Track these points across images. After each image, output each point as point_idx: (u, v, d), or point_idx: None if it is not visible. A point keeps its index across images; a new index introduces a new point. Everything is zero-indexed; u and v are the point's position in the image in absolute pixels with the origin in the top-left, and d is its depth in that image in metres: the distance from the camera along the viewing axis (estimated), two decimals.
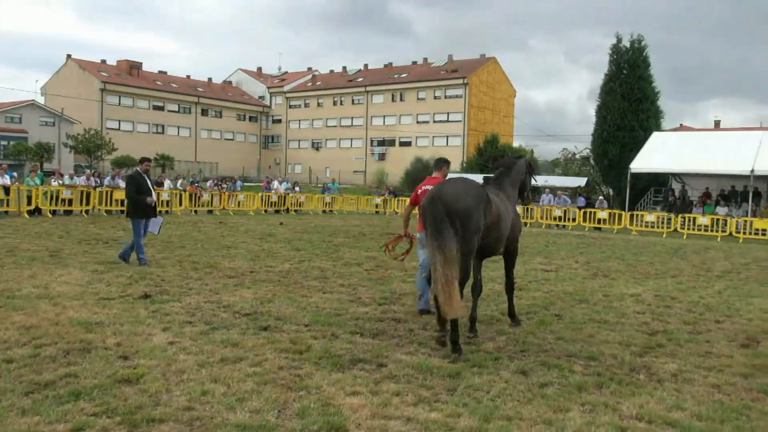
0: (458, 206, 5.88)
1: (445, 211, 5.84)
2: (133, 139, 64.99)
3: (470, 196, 6.00)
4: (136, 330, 6.28)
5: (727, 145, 29.37)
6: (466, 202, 5.94)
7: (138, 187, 11.03)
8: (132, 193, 11.07)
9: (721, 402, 4.83)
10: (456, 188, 6.05)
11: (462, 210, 5.88)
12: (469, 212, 5.92)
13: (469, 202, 5.95)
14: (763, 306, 9.17)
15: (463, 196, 5.96)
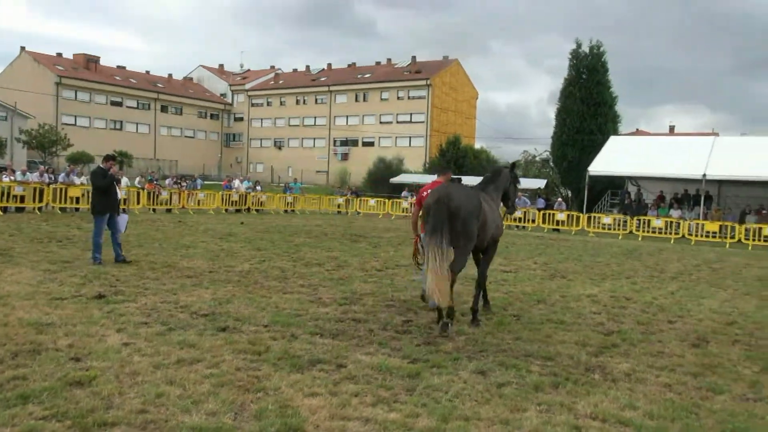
0: (461, 209, 6.64)
1: (448, 212, 6.55)
2: (90, 135, 63.44)
3: (471, 202, 6.81)
4: (90, 331, 6.12)
5: (681, 150, 30.24)
6: (468, 207, 6.72)
7: (103, 185, 10.86)
8: (96, 192, 10.91)
9: (672, 401, 4.96)
10: (459, 193, 6.82)
11: (464, 213, 6.66)
12: (470, 216, 6.71)
13: (470, 207, 6.74)
14: (712, 307, 9.46)
15: (466, 201, 6.75)
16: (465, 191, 7.04)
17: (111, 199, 10.96)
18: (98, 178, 10.94)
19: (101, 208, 10.89)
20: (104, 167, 11.09)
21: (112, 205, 11.01)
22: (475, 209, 6.82)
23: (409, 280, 10.35)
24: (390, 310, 7.94)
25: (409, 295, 9.05)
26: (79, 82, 65.61)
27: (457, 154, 48.44)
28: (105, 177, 10.91)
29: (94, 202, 11.06)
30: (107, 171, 11.02)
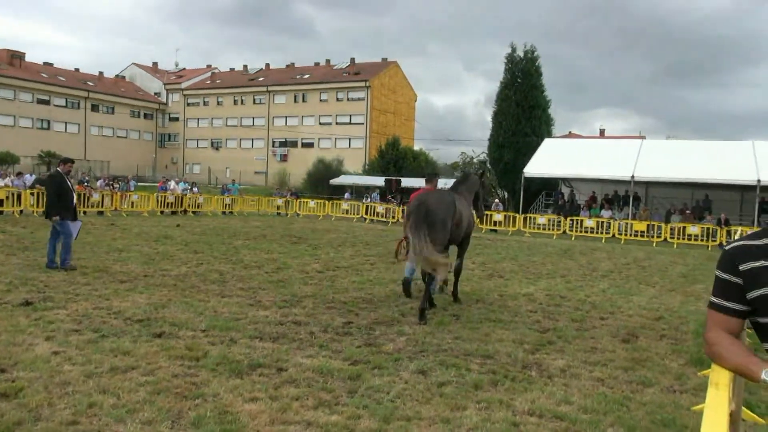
0: (437, 212, 7.98)
1: (426, 214, 7.88)
2: (15, 135, 60.54)
3: (446, 205, 8.18)
4: (16, 340, 5.84)
5: (611, 153, 31.39)
6: (442, 209, 8.07)
7: (59, 189, 10.53)
8: (53, 196, 10.52)
9: (605, 395, 5.14)
10: (435, 199, 8.22)
11: (440, 216, 8.00)
12: (444, 216, 8.07)
13: (444, 209, 8.10)
14: (641, 303, 9.85)
15: (441, 205, 8.11)
16: (440, 195, 8.49)
17: (60, 205, 10.56)
18: (47, 187, 10.69)
19: (60, 212, 10.49)
20: (62, 170, 10.81)
21: (70, 209, 10.67)
22: (449, 209, 8.18)
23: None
24: (330, 312, 7.92)
25: (349, 297, 9.04)
26: (2, 78, 62.45)
27: (396, 155, 48.72)
28: (61, 181, 10.64)
29: (53, 206, 10.57)
30: (64, 174, 10.78)
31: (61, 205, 10.55)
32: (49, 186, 10.77)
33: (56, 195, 10.55)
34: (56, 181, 10.68)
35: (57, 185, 10.63)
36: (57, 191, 10.56)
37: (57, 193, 10.55)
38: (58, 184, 10.63)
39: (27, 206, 22.58)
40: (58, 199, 10.55)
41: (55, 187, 10.62)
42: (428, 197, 8.23)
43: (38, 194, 23.05)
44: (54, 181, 10.69)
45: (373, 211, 31.72)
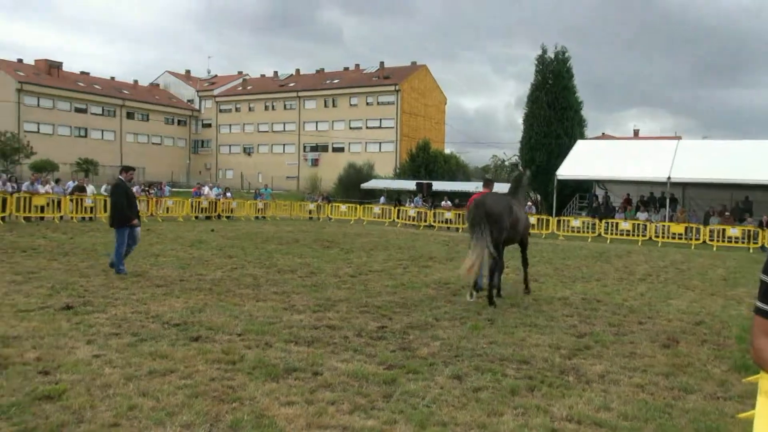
0: (494, 212, 8.82)
1: (484, 215, 8.74)
2: (54, 143, 62.07)
3: (502, 207, 9.03)
4: (58, 343, 5.97)
5: (646, 154, 30.84)
6: (499, 210, 8.92)
7: (127, 197, 10.88)
8: (123, 203, 10.81)
9: (645, 401, 5.03)
10: (493, 200, 9.04)
11: (496, 215, 8.83)
12: (500, 217, 8.90)
13: (500, 210, 8.94)
14: (681, 307, 9.64)
15: (497, 206, 8.95)
16: (497, 197, 9.43)
17: (132, 211, 10.92)
18: (114, 195, 10.97)
19: (123, 221, 10.79)
20: (124, 178, 11.14)
21: (133, 216, 10.97)
22: (506, 210, 9.06)
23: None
24: (364, 316, 7.92)
25: (382, 301, 9.03)
26: (41, 88, 64.15)
27: (427, 159, 48.59)
28: (127, 189, 11.02)
29: (115, 214, 10.89)
30: (127, 182, 11.14)
31: (131, 211, 10.90)
32: (118, 195, 10.97)
33: (128, 202, 10.86)
34: (123, 190, 10.98)
35: (125, 193, 10.94)
36: (124, 200, 10.85)
37: (124, 202, 10.84)
38: (125, 192, 10.95)
39: (67, 212, 23.11)
40: (125, 207, 10.84)
41: (124, 195, 10.91)
42: (486, 199, 9.06)
43: (77, 200, 23.59)
44: (121, 190, 10.98)
45: (405, 215, 31.69)
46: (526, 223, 10.10)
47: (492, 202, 9.02)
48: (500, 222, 8.90)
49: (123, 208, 10.81)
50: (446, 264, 14.36)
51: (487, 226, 8.71)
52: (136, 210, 11.19)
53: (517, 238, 9.82)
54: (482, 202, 8.90)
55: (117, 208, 10.90)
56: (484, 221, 8.68)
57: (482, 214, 8.73)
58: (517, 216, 9.40)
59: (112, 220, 11.03)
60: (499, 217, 8.90)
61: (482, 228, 8.64)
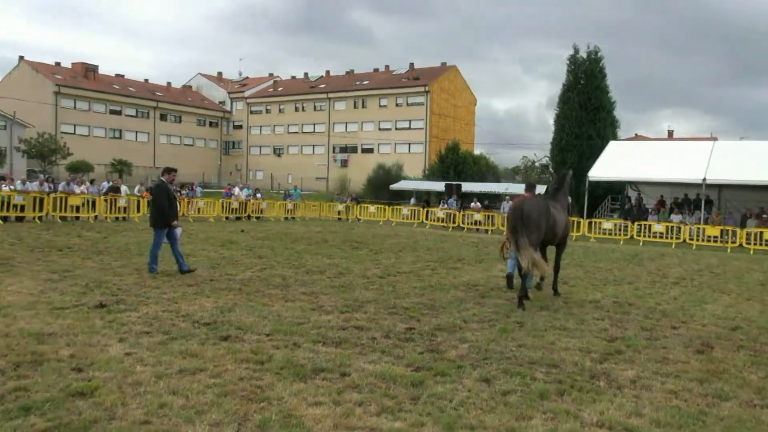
0: (531, 216, 9.14)
1: (521, 218, 9.10)
2: (89, 144, 63.48)
3: (539, 211, 9.31)
4: (91, 341, 6.09)
5: (680, 155, 30.24)
6: (537, 214, 9.23)
7: (168, 198, 11.06)
8: (164, 204, 10.99)
9: (679, 408, 4.92)
10: (531, 204, 9.40)
11: (534, 218, 9.16)
12: (538, 220, 9.20)
13: (538, 214, 9.24)
14: (716, 312, 9.42)
15: (535, 210, 9.26)
16: (536, 201, 9.72)
17: (172, 212, 11.08)
18: (157, 196, 11.16)
19: (163, 221, 10.98)
20: (166, 180, 11.32)
21: (173, 217, 11.15)
22: (543, 213, 9.34)
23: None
24: (392, 318, 7.91)
25: (410, 302, 9.01)
26: (77, 90, 65.68)
27: (456, 160, 48.38)
28: (168, 190, 11.18)
29: (156, 214, 11.08)
30: (168, 184, 11.33)
31: (172, 212, 11.06)
32: (159, 196, 11.16)
33: (169, 204, 11.04)
34: (165, 191, 11.17)
35: (166, 194, 11.12)
36: (164, 201, 11.03)
37: (164, 202, 11.02)
38: (166, 193, 11.13)
39: (101, 212, 23.57)
40: (165, 208, 11.01)
41: (165, 196, 11.09)
42: (524, 203, 9.48)
43: (111, 200, 24.04)
44: (163, 191, 11.16)
45: (434, 216, 31.61)
46: (565, 224, 10.35)
47: (529, 206, 9.31)
48: (538, 226, 9.18)
49: (164, 209, 10.97)
50: (475, 266, 14.27)
51: (525, 230, 9.02)
52: (176, 211, 11.33)
53: (556, 240, 10.09)
54: (519, 207, 9.30)
55: (158, 209, 11.07)
56: (521, 225, 9.05)
57: (518, 218, 9.12)
58: (555, 218, 9.67)
59: (152, 220, 11.21)
60: (537, 221, 9.18)
61: (521, 232, 9.02)
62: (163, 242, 11.03)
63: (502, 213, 29.40)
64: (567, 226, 10.51)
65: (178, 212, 11.67)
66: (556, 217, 9.73)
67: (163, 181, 11.37)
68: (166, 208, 10.96)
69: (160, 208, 10.98)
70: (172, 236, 11.10)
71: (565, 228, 10.34)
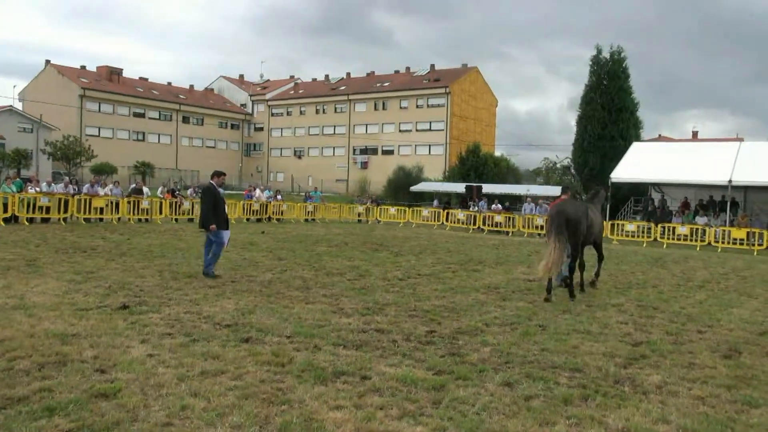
0: (572, 218, 9.96)
1: (565, 219, 9.84)
2: (113, 146, 64.34)
3: (580, 213, 10.16)
4: (114, 342, 6.13)
5: (705, 156, 29.76)
6: (578, 216, 10.05)
7: (215, 200, 11.18)
8: (210, 207, 11.12)
9: (706, 415, 4.82)
10: (572, 207, 10.25)
11: (575, 220, 9.98)
12: (578, 221, 10.05)
13: (579, 216, 10.08)
14: (743, 316, 9.24)
15: (576, 212, 10.08)
16: (576, 204, 10.70)
17: (217, 216, 11.19)
18: (204, 199, 11.28)
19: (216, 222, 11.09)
20: (215, 183, 11.44)
21: (223, 218, 11.30)
22: (583, 215, 10.19)
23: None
24: (413, 321, 7.87)
25: (431, 305, 8.96)
26: (102, 94, 66.65)
27: (476, 162, 48.19)
28: (216, 193, 11.30)
29: (210, 216, 11.14)
30: (218, 187, 11.44)
31: (217, 215, 11.16)
32: (206, 198, 11.28)
33: (213, 206, 11.14)
34: (212, 194, 11.28)
35: (213, 197, 11.22)
36: (213, 203, 11.15)
37: (213, 205, 11.14)
38: (213, 196, 11.24)
39: (124, 214, 23.85)
40: (215, 210, 11.13)
41: (211, 199, 11.20)
42: (566, 206, 10.27)
43: (134, 202, 24.30)
44: (210, 194, 11.28)
45: (454, 218, 31.49)
46: (600, 226, 11.39)
47: (571, 209, 10.16)
48: (578, 226, 10.05)
49: (208, 211, 11.11)
50: (496, 268, 14.17)
51: (566, 231, 9.80)
52: (223, 216, 11.41)
53: (591, 239, 11.01)
54: (563, 210, 10.06)
55: (202, 211, 11.24)
56: (563, 226, 9.78)
57: (563, 220, 9.83)
58: (592, 220, 10.60)
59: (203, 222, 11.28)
60: (578, 222, 10.03)
61: (563, 232, 9.72)
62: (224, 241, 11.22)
63: (523, 214, 29.23)
64: (601, 228, 11.63)
65: (227, 217, 11.74)
66: (593, 220, 10.68)
67: (212, 184, 11.46)
68: (208, 210, 11.09)
69: (206, 209, 11.14)
70: (220, 238, 11.21)
71: (600, 230, 11.39)
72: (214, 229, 10.96)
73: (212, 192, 11.26)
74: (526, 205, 30.39)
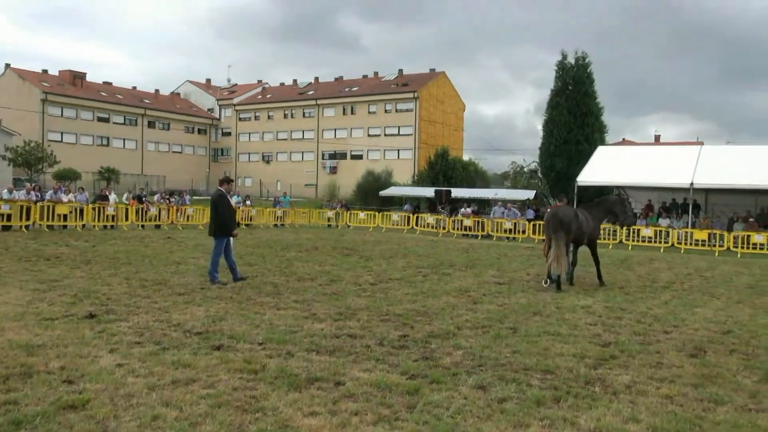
0: (564, 220, 11.67)
1: (559, 222, 11.62)
2: (77, 152, 62.96)
3: (570, 216, 11.87)
4: (81, 352, 6.00)
5: (668, 159, 30.41)
6: (569, 218, 11.76)
7: (229, 208, 11.23)
8: (227, 213, 11.12)
9: (675, 413, 4.92)
10: (563, 211, 12.03)
11: (566, 222, 11.66)
12: (569, 223, 11.70)
13: (570, 218, 11.79)
14: (707, 316, 9.46)
15: (567, 216, 11.81)
16: (567, 209, 12.46)
17: (232, 221, 11.20)
18: (220, 206, 11.15)
19: (226, 230, 11.08)
20: (225, 190, 11.36)
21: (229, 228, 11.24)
22: (573, 219, 11.84)
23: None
24: (385, 325, 7.87)
25: (403, 309, 8.98)
26: (65, 98, 65.19)
27: (445, 166, 48.46)
28: (227, 200, 11.28)
29: (219, 223, 11.09)
30: (227, 193, 11.38)
31: (228, 223, 11.13)
32: (223, 204, 11.18)
33: (224, 213, 11.09)
34: (227, 200, 11.27)
35: (228, 204, 11.23)
36: (225, 210, 11.12)
37: (224, 212, 11.10)
38: (227, 204, 11.23)
39: (89, 220, 23.37)
40: (225, 217, 11.10)
41: (229, 204, 11.23)
42: (558, 210, 12.11)
43: (99, 209, 23.83)
44: (226, 200, 11.26)
45: (424, 222, 31.62)
46: (592, 230, 12.79)
47: (563, 213, 11.90)
48: (569, 228, 11.63)
49: (227, 217, 11.10)
50: (466, 271, 14.26)
51: (561, 230, 11.50)
52: (235, 221, 11.51)
53: (584, 240, 12.49)
54: (555, 213, 11.97)
55: (221, 218, 11.13)
56: (558, 226, 11.54)
57: (557, 223, 11.62)
58: (581, 223, 12.11)
59: (215, 230, 11.18)
60: (568, 224, 11.63)
61: (558, 231, 11.46)
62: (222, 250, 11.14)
63: (492, 218, 29.47)
64: (594, 230, 13.03)
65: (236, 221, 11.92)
66: (583, 223, 12.18)
67: (221, 191, 11.38)
68: (229, 217, 11.11)
69: (224, 217, 11.07)
70: (227, 245, 11.19)
71: (593, 232, 12.82)
72: (236, 234, 11.19)
73: (227, 198, 11.31)
74: (496, 208, 30.63)
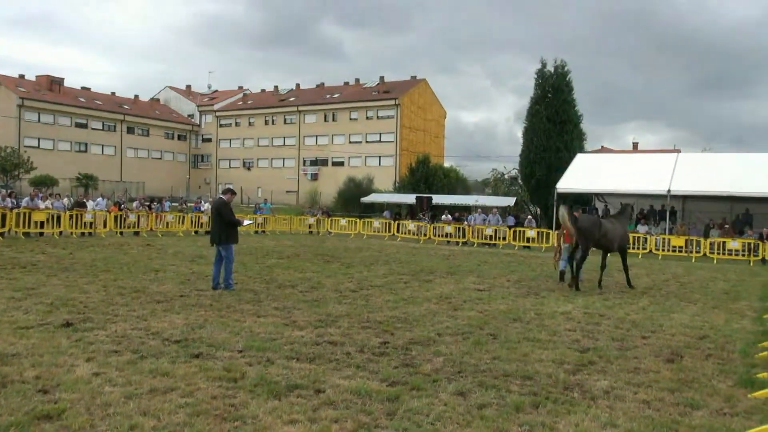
0: (585, 228, 12.91)
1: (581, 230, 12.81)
2: (54, 158, 62.15)
3: (593, 224, 13.17)
4: (57, 361, 5.92)
5: (646, 167, 30.83)
6: (590, 226, 13.01)
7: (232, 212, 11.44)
8: (233, 218, 11.35)
9: (652, 418, 4.97)
10: (586, 219, 13.47)
11: (587, 229, 12.88)
12: (591, 230, 12.92)
13: (591, 226, 13.04)
14: (683, 321, 9.58)
15: (589, 223, 13.16)
16: (589, 219, 13.97)
17: (236, 229, 11.45)
18: (228, 213, 11.31)
19: (236, 238, 11.45)
20: (226, 199, 11.55)
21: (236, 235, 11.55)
22: (594, 227, 13.03)
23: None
24: (366, 332, 7.87)
25: (384, 316, 8.98)
26: (42, 104, 64.35)
27: (426, 173, 48.57)
28: (229, 208, 11.42)
29: (229, 231, 11.27)
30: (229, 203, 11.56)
31: (234, 231, 11.32)
32: (228, 212, 11.32)
33: (230, 222, 11.26)
34: (229, 207, 11.44)
35: (231, 210, 11.42)
36: (231, 219, 11.31)
37: (230, 220, 11.27)
38: (231, 210, 11.42)
39: (66, 227, 23.07)
40: (231, 226, 11.27)
41: (232, 212, 11.43)
42: (581, 219, 13.35)
43: (76, 215, 23.53)
44: (230, 207, 11.44)
45: (405, 229, 31.66)
46: (622, 236, 13.83)
47: (582, 219, 13.27)
48: (589, 234, 12.85)
49: (235, 222, 11.36)
50: (447, 278, 14.31)
51: (580, 236, 12.81)
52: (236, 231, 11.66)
53: (613, 247, 13.57)
54: (578, 221, 13.10)
55: (229, 225, 11.30)
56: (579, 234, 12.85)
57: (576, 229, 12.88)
58: (606, 229, 13.17)
59: (223, 237, 11.22)
60: (588, 231, 12.85)
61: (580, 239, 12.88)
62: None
63: (473, 225, 29.59)
64: (624, 239, 14.11)
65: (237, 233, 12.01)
66: (607, 230, 13.19)
67: (224, 199, 11.57)
68: (236, 221, 11.40)
69: (233, 224, 11.31)
70: (230, 253, 11.31)
71: (621, 240, 13.82)
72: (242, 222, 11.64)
73: (229, 205, 11.48)
74: (476, 215, 30.77)
